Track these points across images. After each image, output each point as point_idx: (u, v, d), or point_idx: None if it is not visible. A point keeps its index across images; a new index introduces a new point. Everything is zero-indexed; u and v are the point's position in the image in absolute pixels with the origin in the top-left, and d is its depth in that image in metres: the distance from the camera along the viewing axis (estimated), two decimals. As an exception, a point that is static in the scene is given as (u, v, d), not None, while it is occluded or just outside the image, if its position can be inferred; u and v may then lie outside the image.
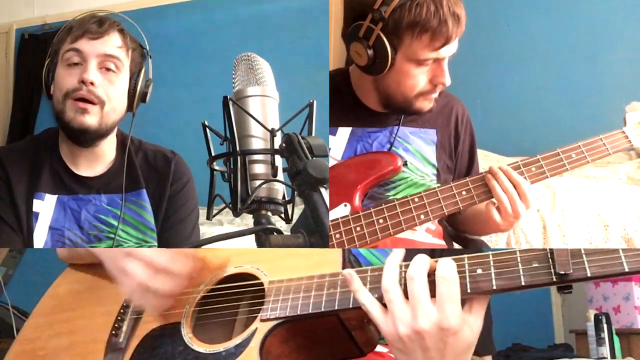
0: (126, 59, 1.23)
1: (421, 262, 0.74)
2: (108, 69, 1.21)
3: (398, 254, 0.77)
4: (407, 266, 0.76)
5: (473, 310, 0.73)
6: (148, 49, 1.28)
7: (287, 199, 0.93)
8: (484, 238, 1.51)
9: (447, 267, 0.72)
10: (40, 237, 1.20)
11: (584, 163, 1.20)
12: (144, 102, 1.28)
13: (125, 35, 1.24)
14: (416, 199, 1.18)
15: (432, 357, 0.71)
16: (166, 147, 1.37)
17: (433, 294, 0.72)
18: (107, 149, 1.28)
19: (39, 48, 3.59)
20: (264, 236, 0.85)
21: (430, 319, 0.71)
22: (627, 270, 0.69)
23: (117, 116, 1.24)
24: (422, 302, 0.71)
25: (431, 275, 0.73)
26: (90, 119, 1.19)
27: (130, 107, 1.26)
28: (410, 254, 1.19)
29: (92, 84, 1.17)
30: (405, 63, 1.20)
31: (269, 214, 0.90)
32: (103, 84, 1.19)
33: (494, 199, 1.20)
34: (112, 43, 1.21)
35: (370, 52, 1.18)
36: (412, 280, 0.72)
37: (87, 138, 1.22)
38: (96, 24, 1.20)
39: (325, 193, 0.80)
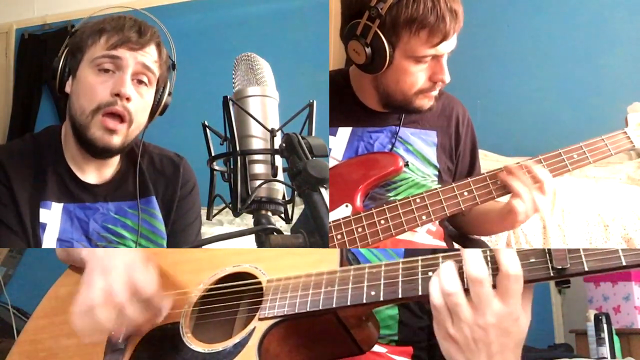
0: (158, 73, 1.17)
1: (481, 261, 0.73)
2: (140, 82, 1.13)
3: (452, 262, 0.76)
4: (424, 260, 0.77)
5: (526, 302, 0.74)
6: (175, 60, 1.22)
7: (287, 199, 0.93)
8: (484, 238, 1.51)
9: (516, 265, 0.72)
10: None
11: (586, 164, 1.20)
12: (161, 114, 1.22)
13: (161, 48, 1.17)
14: (418, 200, 1.17)
15: (494, 352, 0.71)
16: (170, 150, 1.32)
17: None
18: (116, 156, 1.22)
19: (39, 48, 3.59)
20: (264, 236, 0.85)
21: (495, 312, 0.71)
22: (624, 264, 0.69)
23: (138, 131, 1.18)
24: (490, 302, 0.71)
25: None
26: (116, 139, 1.12)
27: (149, 119, 1.20)
28: (410, 255, 1.19)
29: (128, 99, 1.10)
30: (404, 60, 1.19)
31: (269, 214, 0.90)
32: (136, 99, 1.12)
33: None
34: (151, 56, 1.14)
35: (368, 50, 1.18)
36: (481, 283, 0.72)
37: (106, 156, 1.16)
38: (137, 33, 1.12)
39: (325, 193, 0.80)
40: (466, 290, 0.73)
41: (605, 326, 2.53)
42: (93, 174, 1.20)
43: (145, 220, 1.23)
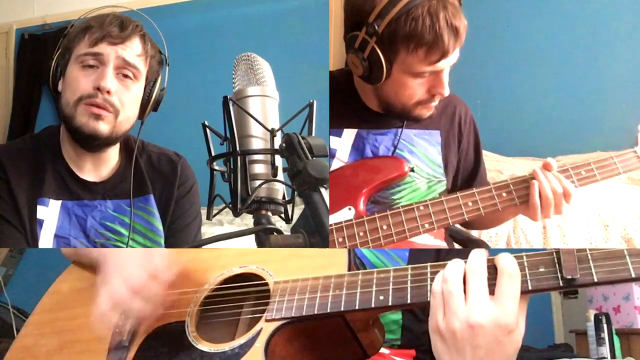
0: (144, 67, 1.18)
1: (482, 257, 0.73)
2: (125, 76, 1.15)
3: (460, 261, 0.75)
4: (433, 266, 0.77)
5: (520, 313, 0.71)
6: (167, 55, 1.23)
7: (287, 199, 0.93)
8: (484, 237, 1.51)
9: (513, 264, 0.71)
10: (45, 245, 1.16)
11: (594, 181, 1.19)
12: (155, 110, 1.24)
13: (146, 41, 1.18)
14: (421, 207, 1.16)
15: (480, 357, 0.69)
16: (169, 149, 1.33)
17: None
18: (112, 153, 1.24)
19: (39, 48, 3.60)
20: (264, 236, 0.84)
21: (488, 314, 0.69)
22: (633, 276, 0.68)
23: (129, 125, 1.19)
24: (482, 296, 0.70)
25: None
26: (103, 125, 1.13)
27: (141, 114, 1.21)
28: (412, 254, 1.19)
29: (108, 92, 1.12)
30: (402, 75, 1.18)
31: (269, 214, 0.90)
32: (119, 91, 1.14)
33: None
34: (133, 50, 1.15)
35: (365, 63, 1.17)
36: (475, 273, 0.71)
37: (95, 144, 1.16)
38: (118, 27, 1.14)
39: (325, 193, 0.80)
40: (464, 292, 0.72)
41: (605, 326, 2.54)
42: (90, 172, 1.22)
43: (143, 218, 1.24)
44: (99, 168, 1.23)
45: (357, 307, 0.79)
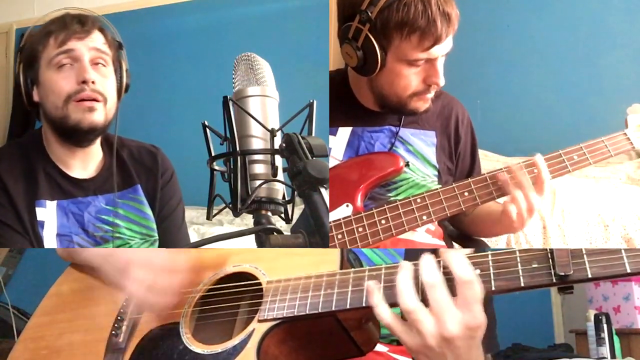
0: (110, 53, 1.22)
1: (433, 266, 0.73)
2: (97, 64, 1.19)
3: (407, 271, 0.75)
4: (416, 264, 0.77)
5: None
6: (121, 40, 1.27)
7: (287, 199, 0.93)
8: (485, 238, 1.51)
9: (466, 270, 0.71)
10: (50, 246, 1.18)
11: (586, 165, 1.20)
12: (126, 92, 1.27)
13: (105, 32, 1.23)
14: (418, 200, 1.17)
15: (460, 354, 0.71)
16: (145, 142, 1.37)
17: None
18: (97, 149, 1.27)
19: (39, 48, 3.59)
20: (264, 236, 0.85)
21: (458, 322, 0.70)
22: (628, 271, 0.68)
23: (114, 110, 1.23)
24: (447, 308, 0.71)
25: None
26: (97, 116, 1.17)
27: (117, 99, 1.24)
28: (410, 254, 1.20)
29: (94, 82, 1.16)
30: (396, 63, 1.18)
31: (269, 214, 0.90)
32: (100, 81, 1.18)
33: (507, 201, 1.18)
34: (98, 40, 1.20)
35: (359, 53, 1.17)
36: (434, 287, 0.71)
37: (91, 137, 1.20)
38: (79, 24, 1.19)
39: (325, 193, 0.80)
40: (425, 302, 0.72)
41: (605, 326, 2.53)
42: (79, 169, 1.25)
43: (134, 207, 1.28)
44: (86, 165, 1.26)
45: (348, 307, 0.78)
